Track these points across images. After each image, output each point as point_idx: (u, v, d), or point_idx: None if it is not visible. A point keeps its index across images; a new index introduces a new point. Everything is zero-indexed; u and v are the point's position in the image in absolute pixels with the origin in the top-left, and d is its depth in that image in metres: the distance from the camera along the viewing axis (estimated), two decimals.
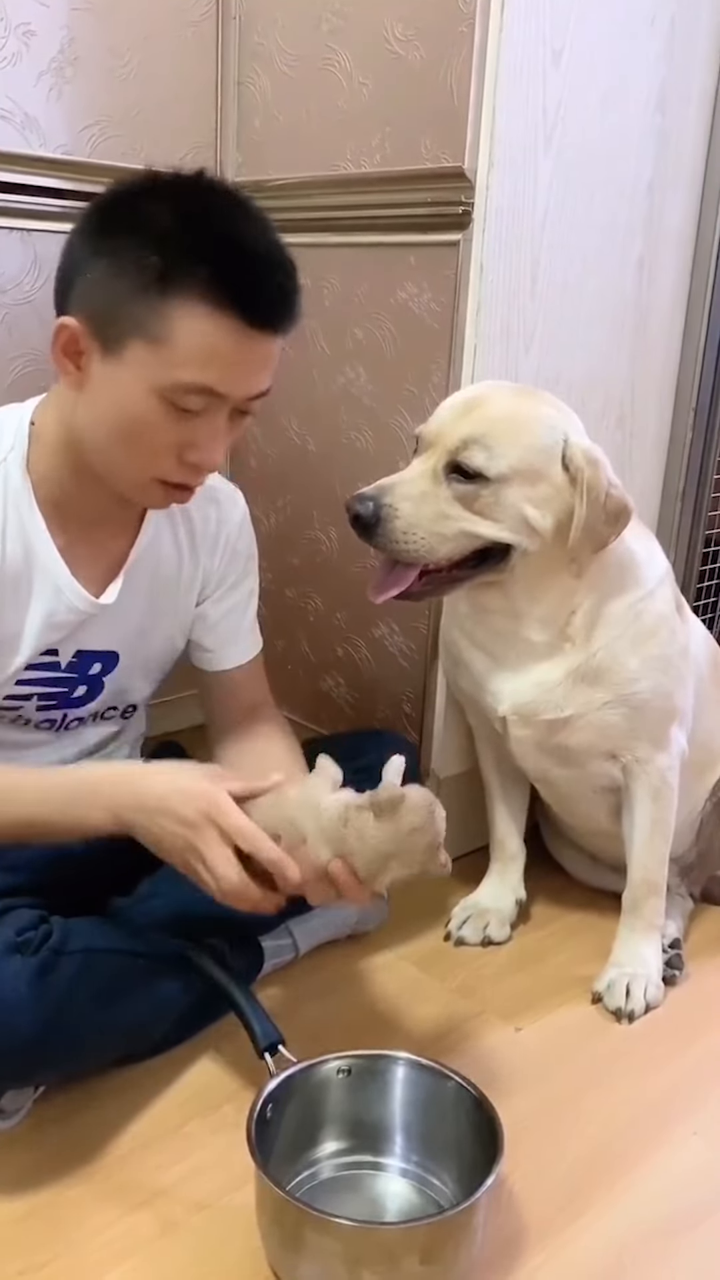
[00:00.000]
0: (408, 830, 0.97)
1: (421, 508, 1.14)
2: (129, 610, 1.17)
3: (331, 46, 1.46)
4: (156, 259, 0.93)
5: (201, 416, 0.98)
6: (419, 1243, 0.86)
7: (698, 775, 1.45)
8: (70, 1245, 0.94)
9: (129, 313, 0.95)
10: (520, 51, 1.29)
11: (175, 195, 0.97)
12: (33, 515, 1.07)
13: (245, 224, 0.98)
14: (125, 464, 1.02)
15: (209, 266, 0.93)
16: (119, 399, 0.98)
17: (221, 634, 1.27)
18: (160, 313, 0.94)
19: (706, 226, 1.61)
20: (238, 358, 0.97)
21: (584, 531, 1.16)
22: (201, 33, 1.60)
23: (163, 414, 0.97)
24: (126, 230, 0.95)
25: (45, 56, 1.44)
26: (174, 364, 0.95)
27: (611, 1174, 1.06)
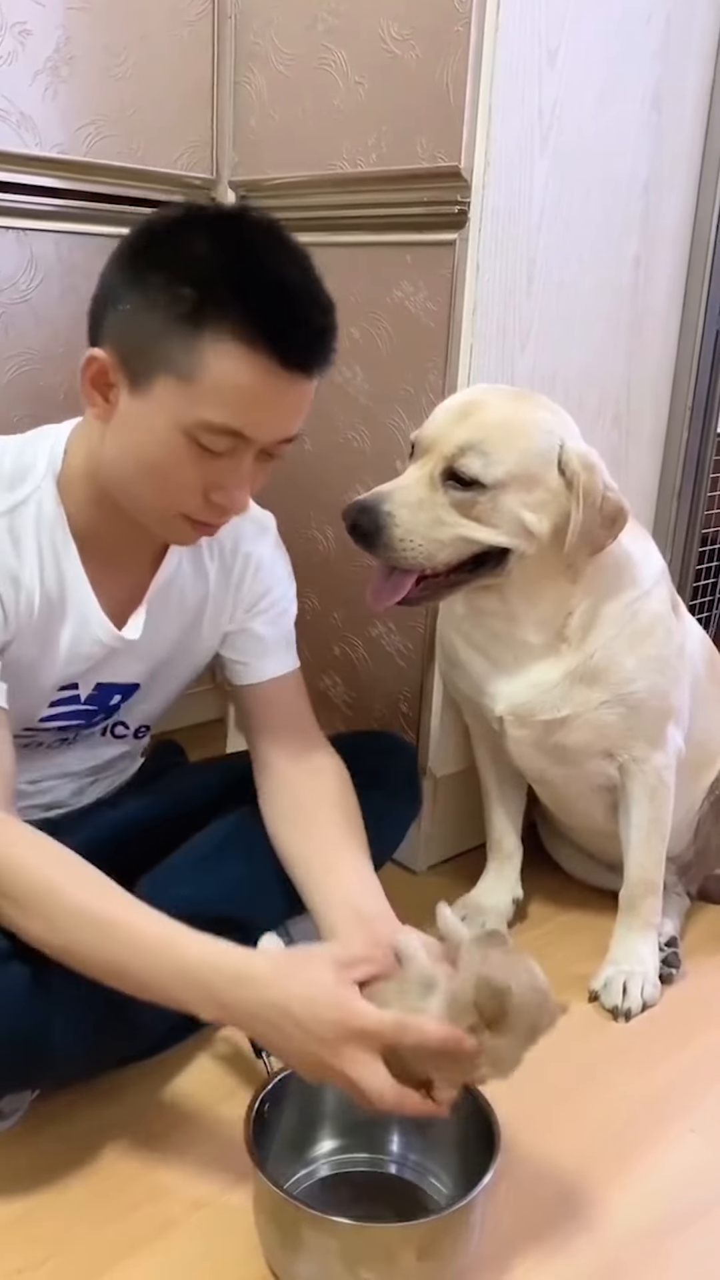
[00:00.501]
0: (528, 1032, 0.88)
1: (419, 514, 1.13)
2: (153, 644, 1.14)
3: (327, 46, 1.46)
4: (190, 292, 0.90)
5: (228, 457, 0.96)
6: (416, 1241, 0.86)
7: (695, 774, 1.45)
8: (68, 1244, 0.94)
9: (159, 347, 0.92)
10: (516, 51, 1.29)
11: (213, 228, 0.94)
12: (67, 544, 1.05)
13: (283, 260, 0.95)
14: (150, 500, 1.00)
15: (243, 302, 0.90)
16: (145, 435, 0.96)
17: (255, 647, 1.22)
18: (191, 349, 0.91)
19: (702, 225, 1.61)
20: (268, 399, 0.94)
21: (581, 535, 1.16)
22: (197, 32, 1.60)
23: (188, 453, 0.95)
24: (161, 262, 0.93)
25: (41, 55, 1.44)
26: (202, 403, 0.92)
27: (608, 1172, 1.07)
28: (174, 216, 0.96)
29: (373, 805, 1.31)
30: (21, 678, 1.06)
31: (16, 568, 1.02)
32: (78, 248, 1.54)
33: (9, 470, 1.03)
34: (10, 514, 1.01)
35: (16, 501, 1.02)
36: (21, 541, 1.02)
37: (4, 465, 1.03)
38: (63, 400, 1.57)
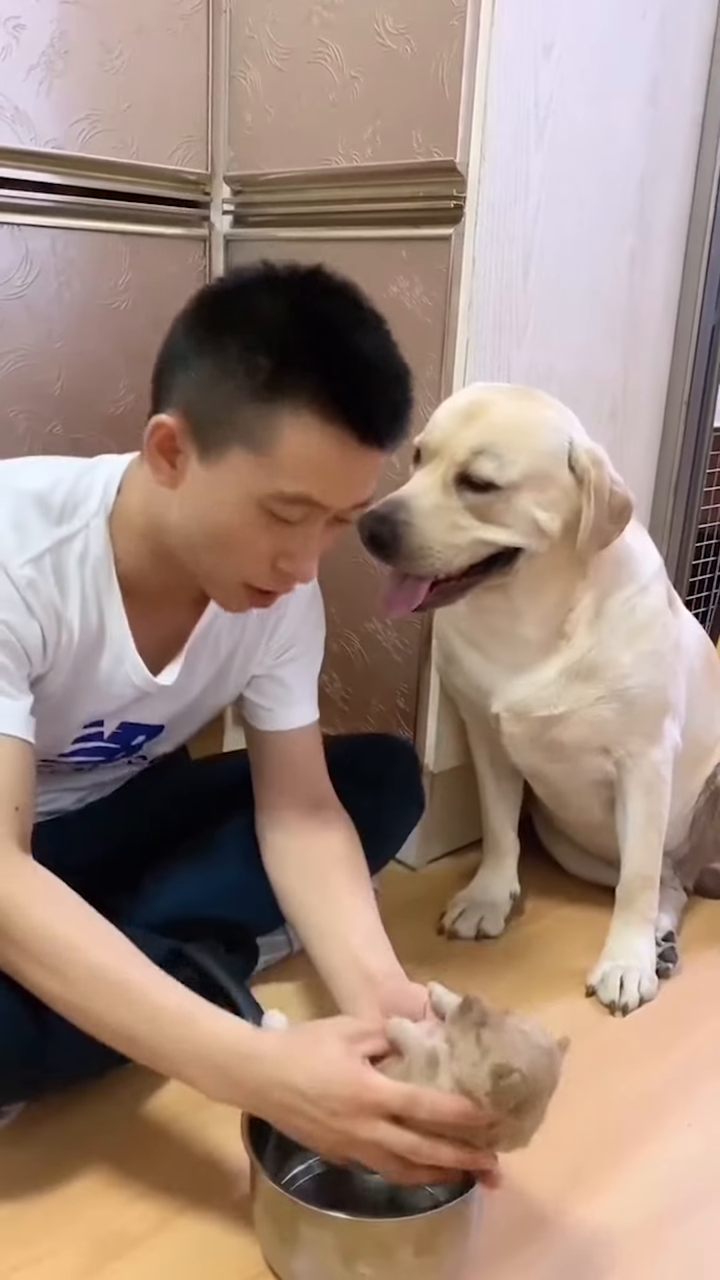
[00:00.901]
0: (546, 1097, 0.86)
1: (435, 521, 1.12)
2: (185, 689, 1.12)
3: (322, 40, 1.46)
4: (266, 361, 0.87)
5: (299, 526, 0.93)
6: (413, 1236, 0.86)
7: (691, 769, 1.46)
8: (65, 1241, 0.94)
9: (233, 417, 0.89)
10: (511, 44, 1.28)
11: (288, 291, 0.91)
12: (110, 586, 1.01)
13: (362, 330, 0.91)
14: (215, 567, 0.97)
15: (322, 375, 0.87)
16: (215, 504, 0.93)
17: (281, 694, 1.19)
18: (267, 420, 0.88)
19: (698, 219, 1.61)
20: (343, 472, 0.92)
21: (592, 531, 1.16)
22: (192, 26, 1.59)
23: (260, 523, 0.92)
24: (236, 327, 0.90)
25: (35, 50, 1.44)
26: (277, 475, 0.90)
27: (606, 1166, 1.07)
28: (246, 278, 0.93)
29: (375, 808, 1.31)
30: (52, 712, 1.04)
31: (60, 604, 0.99)
32: (73, 243, 1.54)
33: (60, 503, 0.99)
34: (57, 549, 0.98)
35: (64, 537, 0.98)
36: (66, 578, 0.99)
37: (55, 497, 0.99)
38: (57, 396, 1.57)
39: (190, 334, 0.93)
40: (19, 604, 0.95)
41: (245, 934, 1.26)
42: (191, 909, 1.18)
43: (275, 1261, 0.92)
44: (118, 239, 1.59)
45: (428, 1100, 0.82)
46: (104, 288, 1.59)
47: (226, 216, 1.69)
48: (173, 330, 0.95)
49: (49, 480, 1.00)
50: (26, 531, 0.96)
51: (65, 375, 1.57)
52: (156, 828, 1.28)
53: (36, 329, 1.54)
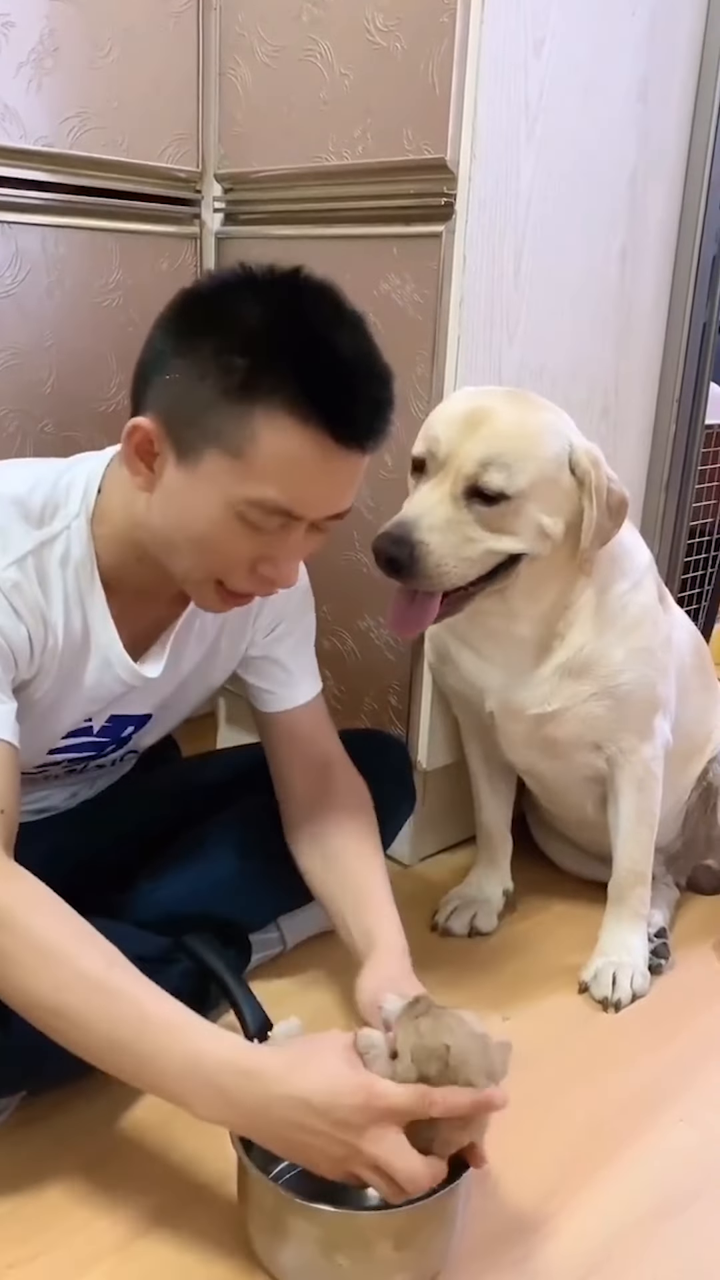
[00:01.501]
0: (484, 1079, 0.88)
1: (448, 537, 1.11)
2: (171, 677, 1.12)
3: (312, 37, 1.45)
4: (242, 362, 0.87)
5: (278, 532, 0.93)
6: (392, 1230, 0.86)
7: (683, 764, 1.46)
8: (59, 1239, 0.94)
9: (209, 420, 0.88)
10: (501, 41, 1.28)
11: (265, 292, 0.90)
12: (93, 588, 1.01)
13: (340, 328, 0.90)
14: (192, 570, 0.97)
15: (298, 374, 0.86)
16: (192, 508, 0.92)
17: (280, 675, 1.21)
18: (243, 423, 0.87)
19: (689, 216, 1.61)
20: (320, 476, 0.90)
21: (595, 531, 1.16)
22: (182, 23, 1.59)
23: (237, 528, 0.92)
24: (212, 328, 0.89)
25: (25, 47, 1.43)
26: (252, 479, 0.89)
27: (599, 1161, 1.07)
28: (224, 280, 0.92)
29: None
30: (41, 717, 1.04)
31: (44, 606, 0.98)
32: (63, 241, 1.53)
33: (39, 505, 0.98)
34: (38, 551, 0.97)
35: (45, 539, 0.98)
36: (49, 579, 0.98)
37: (34, 499, 0.98)
38: (48, 394, 1.57)
39: (167, 336, 0.92)
40: (5, 608, 0.94)
41: (238, 931, 1.26)
42: (184, 906, 1.18)
43: (262, 1252, 0.92)
44: (108, 237, 1.58)
45: (439, 1096, 0.83)
46: (95, 286, 1.59)
47: (217, 214, 1.69)
48: (152, 332, 0.94)
49: (28, 483, 0.99)
50: (8, 535, 0.96)
51: (56, 373, 1.57)
52: (149, 825, 1.28)
53: (27, 327, 1.53)
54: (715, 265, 1.65)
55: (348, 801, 1.19)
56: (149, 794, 1.33)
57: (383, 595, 1.47)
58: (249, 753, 1.45)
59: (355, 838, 1.16)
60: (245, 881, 1.23)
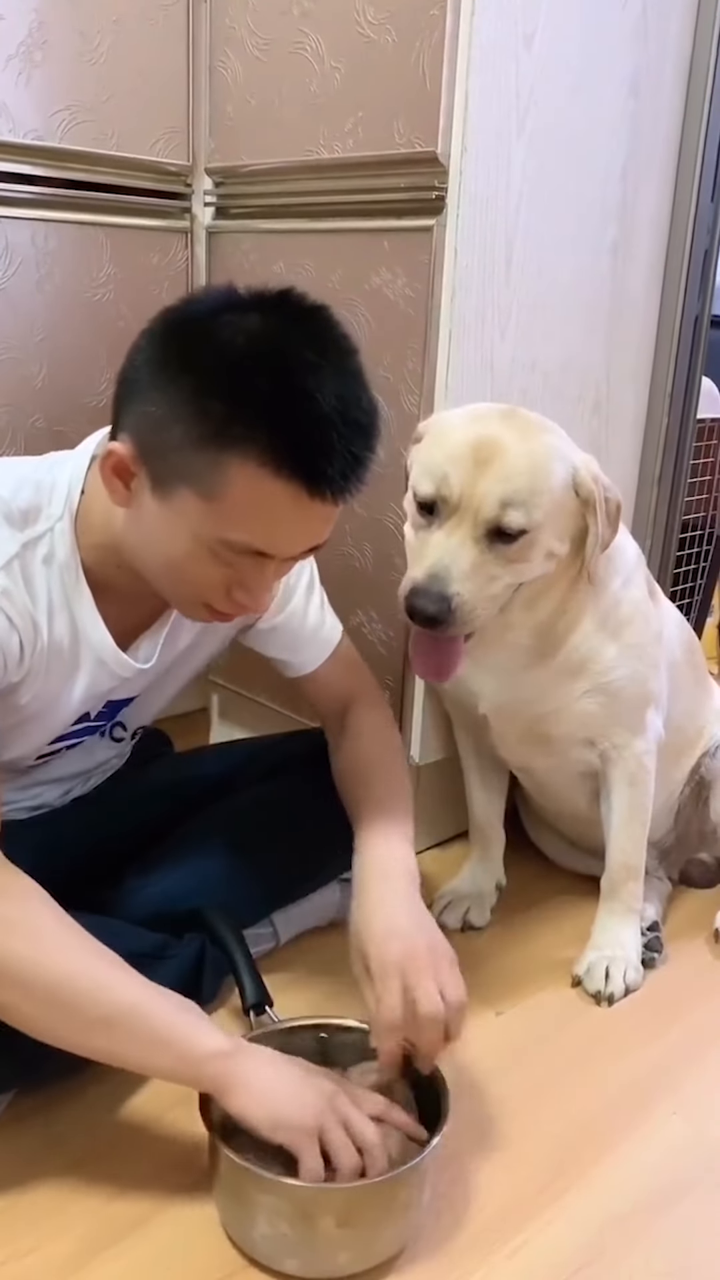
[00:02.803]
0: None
1: (477, 582, 1.10)
2: (163, 661, 1.13)
3: (303, 30, 1.45)
4: (219, 408, 0.85)
5: (251, 566, 0.93)
6: (334, 1206, 0.88)
7: (675, 759, 1.46)
8: (52, 1235, 0.94)
9: (183, 459, 0.88)
10: (492, 34, 1.28)
11: (250, 328, 0.87)
12: (79, 590, 1.01)
13: (322, 374, 0.87)
14: (170, 588, 0.98)
15: (273, 426, 0.85)
16: (165, 537, 0.92)
17: (287, 643, 1.22)
18: (215, 467, 0.86)
19: (681, 210, 1.61)
20: (294, 523, 0.90)
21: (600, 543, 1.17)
22: (172, 16, 1.58)
23: (209, 560, 0.92)
24: (191, 366, 0.87)
25: (14, 40, 1.43)
26: (224, 523, 0.89)
27: (592, 1154, 1.07)
28: (209, 305, 0.90)
29: None
30: (39, 716, 1.04)
31: (32, 609, 0.98)
32: (53, 235, 1.53)
33: (22, 507, 0.98)
34: (23, 554, 0.97)
35: (28, 540, 0.97)
36: (34, 582, 0.98)
37: (17, 501, 0.97)
38: (39, 389, 1.56)
39: (148, 362, 0.91)
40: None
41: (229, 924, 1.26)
42: (176, 902, 1.18)
43: (225, 1222, 0.94)
44: (99, 231, 1.58)
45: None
46: (85, 280, 1.58)
47: (208, 208, 1.68)
48: (134, 348, 0.93)
49: (9, 485, 0.99)
50: None
51: (47, 368, 1.57)
52: (142, 821, 1.28)
53: (18, 322, 1.53)
54: (707, 259, 1.65)
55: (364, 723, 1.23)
56: (142, 790, 1.32)
57: (375, 589, 1.47)
58: (241, 748, 1.45)
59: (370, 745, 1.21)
60: (239, 876, 1.23)
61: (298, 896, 1.34)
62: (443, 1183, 1.01)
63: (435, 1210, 0.98)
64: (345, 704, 1.25)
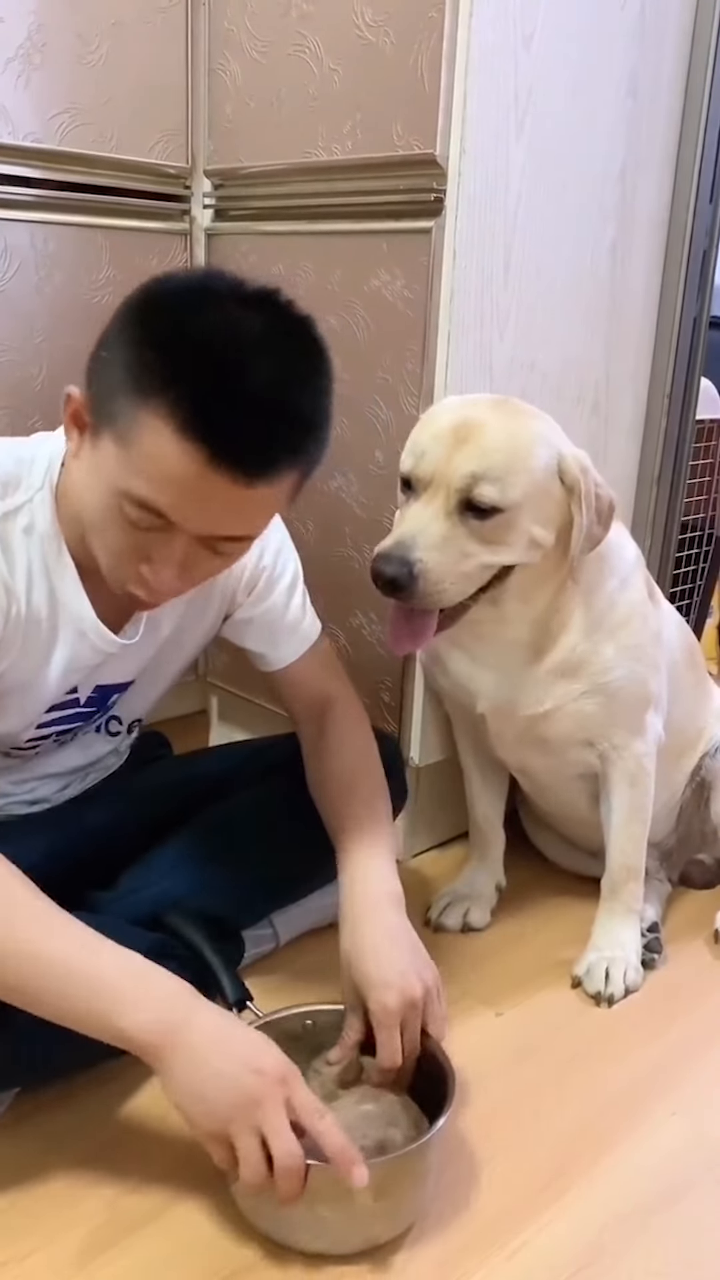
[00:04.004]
0: None
1: (445, 554, 1.11)
2: (151, 641, 1.13)
3: (302, 33, 1.45)
4: (150, 356, 0.85)
5: (156, 534, 0.91)
6: (372, 1181, 0.88)
7: (675, 760, 1.46)
8: (53, 1236, 0.94)
9: (112, 405, 0.88)
10: (490, 36, 1.28)
11: (226, 306, 0.87)
12: (60, 560, 1.02)
13: (271, 357, 0.86)
14: (97, 550, 0.97)
15: (191, 383, 0.84)
16: (92, 487, 0.93)
17: (265, 636, 1.22)
18: (133, 415, 0.86)
19: (679, 211, 1.61)
20: (196, 492, 0.87)
21: (585, 537, 1.16)
22: (171, 19, 1.58)
23: (119, 519, 0.91)
24: (150, 319, 0.88)
25: (13, 43, 1.43)
26: (130, 472, 0.88)
27: (592, 1154, 1.07)
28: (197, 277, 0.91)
29: None
30: (19, 689, 1.05)
31: (8, 576, 0.99)
32: (52, 237, 1.53)
33: (2, 479, 0.99)
34: (1, 523, 0.98)
35: (7, 510, 0.98)
36: (12, 550, 0.99)
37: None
38: (39, 391, 1.56)
39: (118, 317, 0.91)
40: None
41: (230, 927, 1.26)
42: (175, 903, 1.18)
43: (249, 1211, 0.95)
44: (98, 233, 1.58)
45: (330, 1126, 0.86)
46: (84, 282, 1.58)
47: (207, 210, 1.68)
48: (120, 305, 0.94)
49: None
50: None
51: (47, 370, 1.57)
52: (141, 821, 1.28)
53: (17, 324, 1.53)
54: (705, 260, 1.65)
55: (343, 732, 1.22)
56: (140, 790, 1.32)
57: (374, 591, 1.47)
58: (240, 749, 1.45)
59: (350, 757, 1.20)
60: (238, 878, 1.23)
61: (298, 897, 1.34)
62: (443, 1183, 1.01)
63: (436, 1211, 0.98)
64: (321, 707, 1.24)
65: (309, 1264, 0.92)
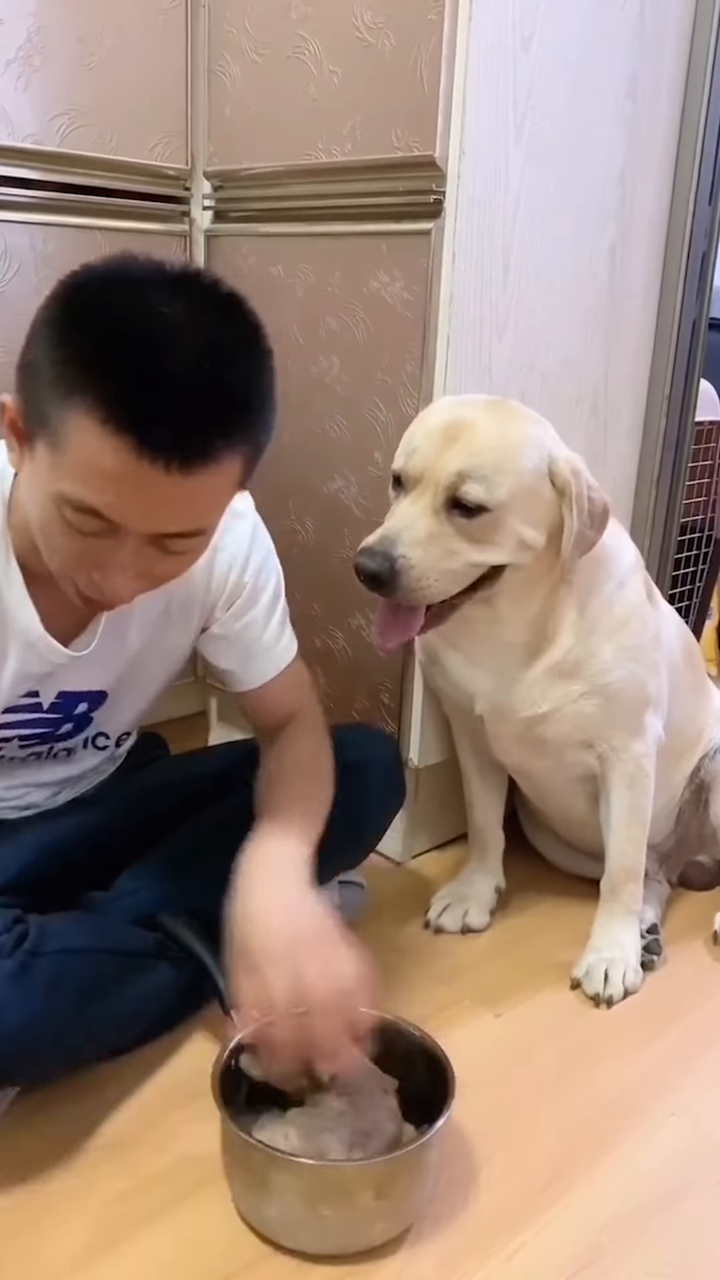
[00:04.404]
0: None
1: (430, 550, 1.11)
2: (115, 652, 1.11)
3: (301, 34, 1.45)
4: (70, 353, 0.81)
5: (103, 540, 0.87)
6: (373, 1180, 0.89)
7: (675, 761, 1.46)
8: (53, 1237, 0.94)
9: (42, 406, 0.84)
10: (489, 38, 1.28)
11: (143, 286, 0.83)
12: (8, 571, 0.99)
13: (191, 337, 0.81)
14: (48, 559, 0.93)
15: (108, 378, 0.79)
16: (32, 496, 0.90)
17: (239, 653, 1.18)
18: (61, 416, 0.82)
19: (679, 213, 1.61)
20: (131, 487, 0.83)
21: (575, 540, 1.16)
22: (171, 21, 1.59)
23: (62, 525, 0.87)
24: (63, 317, 0.84)
25: (13, 45, 1.43)
26: (64, 475, 0.84)
27: (591, 1155, 1.07)
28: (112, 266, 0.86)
29: (356, 796, 1.32)
30: None
31: None
32: (52, 239, 1.53)
33: None
34: None
35: None
36: None
37: None
38: None
39: (40, 314, 0.87)
40: None
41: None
42: (172, 903, 1.18)
43: (248, 1211, 0.94)
44: (98, 235, 1.58)
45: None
46: None
47: (207, 212, 1.69)
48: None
49: None
50: None
51: None
52: (139, 822, 1.28)
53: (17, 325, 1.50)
54: (705, 261, 1.66)
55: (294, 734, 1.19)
56: (139, 791, 1.32)
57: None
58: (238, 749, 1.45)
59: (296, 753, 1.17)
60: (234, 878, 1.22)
61: None
62: (443, 1183, 1.01)
63: (435, 1211, 0.98)
64: (284, 723, 1.22)
65: (309, 1264, 0.92)
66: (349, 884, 1.41)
